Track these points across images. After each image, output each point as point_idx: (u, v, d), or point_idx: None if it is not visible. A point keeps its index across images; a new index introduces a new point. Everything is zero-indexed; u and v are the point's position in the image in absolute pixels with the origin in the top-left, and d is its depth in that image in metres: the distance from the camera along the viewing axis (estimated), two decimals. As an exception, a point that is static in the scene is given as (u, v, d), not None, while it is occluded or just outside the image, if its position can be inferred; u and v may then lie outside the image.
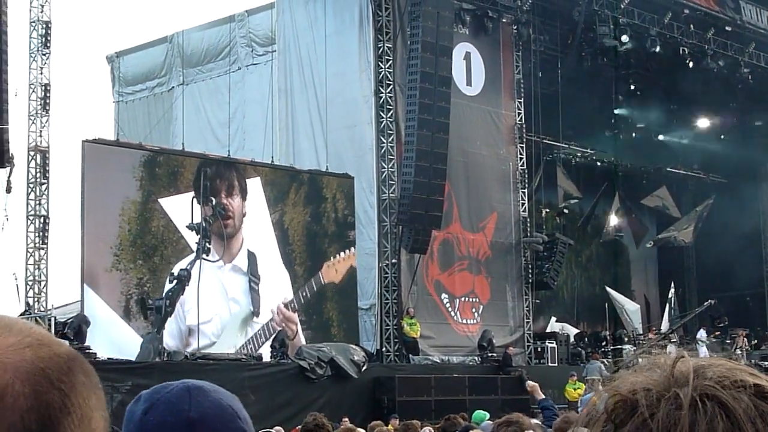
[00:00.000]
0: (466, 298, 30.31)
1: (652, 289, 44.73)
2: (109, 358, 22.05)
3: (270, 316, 26.38)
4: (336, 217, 28.18)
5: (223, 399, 1.98)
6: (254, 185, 26.82)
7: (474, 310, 30.44)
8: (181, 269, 24.56)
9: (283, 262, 27.20)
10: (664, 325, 38.18)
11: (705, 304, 35.01)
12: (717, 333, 37.95)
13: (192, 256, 24.91)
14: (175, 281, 24.34)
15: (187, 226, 25.02)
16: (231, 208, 26.00)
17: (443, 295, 29.72)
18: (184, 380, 2.03)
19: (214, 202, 25.51)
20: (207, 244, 25.18)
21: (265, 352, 25.17)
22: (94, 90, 51.86)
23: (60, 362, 1.36)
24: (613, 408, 1.36)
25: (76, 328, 22.14)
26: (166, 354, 23.00)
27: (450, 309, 29.80)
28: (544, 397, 11.14)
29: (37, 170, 26.24)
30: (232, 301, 26.01)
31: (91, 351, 21.91)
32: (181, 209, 25.02)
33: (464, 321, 30.09)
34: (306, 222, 27.66)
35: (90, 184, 23.74)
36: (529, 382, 13.18)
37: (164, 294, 24.12)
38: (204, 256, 25.04)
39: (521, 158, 32.23)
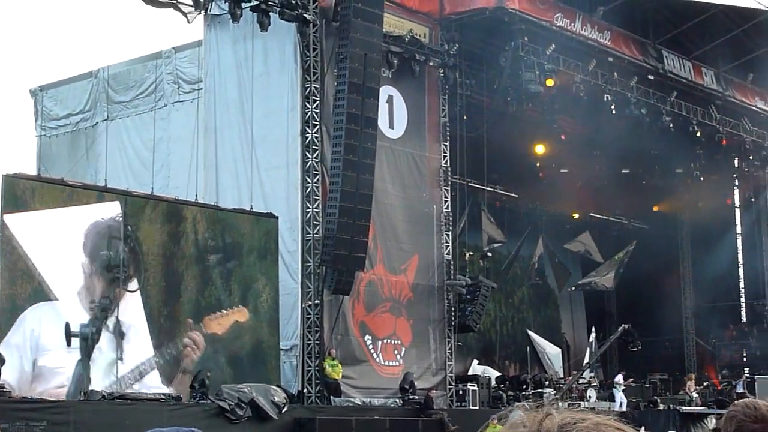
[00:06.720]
0: (388, 340, 30.23)
1: (580, 333, 44.91)
2: (23, 397, 21.66)
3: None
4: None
5: None
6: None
7: (396, 352, 30.37)
8: (102, 297, 24.12)
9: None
10: (587, 372, 38.41)
11: (619, 329, 35.51)
12: (632, 378, 38.25)
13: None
14: (97, 309, 23.85)
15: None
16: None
17: (367, 337, 29.63)
18: (177, 428, 2.04)
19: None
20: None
21: (185, 393, 24.84)
22: (17, 123, 51.27)
23: None
24: None
25: (-9, 366, 21.72)
26: (83, 394, 22.64)
27: (372, 351, 29.70)
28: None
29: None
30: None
31: (6, 390, 21.53)
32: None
33: (387, 363, 30.00)
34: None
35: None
36: None
37: (88, 321, 23.61)
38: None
39: (446, 201, 32.34)
